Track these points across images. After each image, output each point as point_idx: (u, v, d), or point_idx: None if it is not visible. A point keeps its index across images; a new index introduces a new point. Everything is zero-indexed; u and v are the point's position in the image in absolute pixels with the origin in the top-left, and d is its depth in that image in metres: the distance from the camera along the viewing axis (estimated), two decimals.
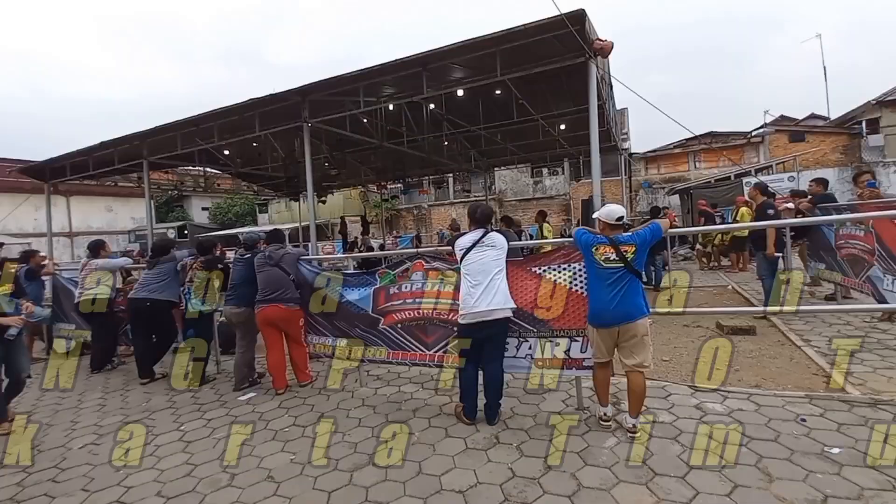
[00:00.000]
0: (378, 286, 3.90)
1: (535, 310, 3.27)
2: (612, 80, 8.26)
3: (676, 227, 9.25)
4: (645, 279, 2.88)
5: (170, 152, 9.79)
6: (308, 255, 4.49)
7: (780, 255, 5.87)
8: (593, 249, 2.90)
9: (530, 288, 3.31)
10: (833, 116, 23.56)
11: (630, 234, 2.88)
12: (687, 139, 23.90)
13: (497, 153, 14.56)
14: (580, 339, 3.16)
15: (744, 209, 9.63)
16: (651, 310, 2.92)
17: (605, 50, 5.31)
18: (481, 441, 2.92)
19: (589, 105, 5.88)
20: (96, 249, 5.34)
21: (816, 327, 4.95)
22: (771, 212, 5.66)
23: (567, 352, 3.20)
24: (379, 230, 23.52)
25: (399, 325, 3.81)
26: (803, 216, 6.12)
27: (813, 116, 26.83)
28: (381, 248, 16.63)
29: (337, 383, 4.25)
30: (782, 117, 25.45)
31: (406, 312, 3.78)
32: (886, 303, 4.56)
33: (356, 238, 17.26)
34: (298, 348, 4.18)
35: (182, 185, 15.08)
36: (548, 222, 9.97)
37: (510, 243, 3.39)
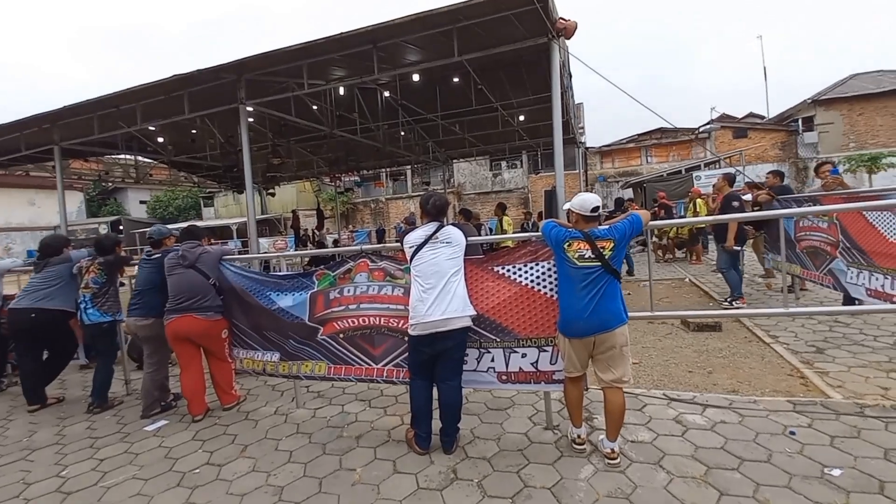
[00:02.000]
0: (316, 290, 3.31)
1: (498, 316, 2.81)
2: (574, 72, 7.96)
3: (660, 218, 9.03)
4: (626, 270, 2.48)
5: (86, 137, 8.61)
6: (232, 253, 3.80)
7: (740, 247, 5.77)
8: (565, 246, 2.47)
9: (492, 291, 2.85)
10: (773, 114, 24.85)
11: (607, 227, 2.47)
12: (639, 134, 24.54)
13: (455, 144, 14.10)
14: (549, 348, 2.73)
15: (699, 201, 9.70)
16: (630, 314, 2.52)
17: (568, 30, 4.92)
18: (436, 478, 2.43)
19: (552, 89, 5.52)
20: None
21: (781, 322, 4.83)
22: (736, 203, 5.54)
23: (535, 364, 2.77)
24: (335, 224, 22.52)
25: (341, 336, 3.25)
26: (761, 208, 6.08)
27: (751, 115, 28.34)
28: (336, 243, 15.78)
29: (269, 404, 3.64)
30: (724, 116, 26.63)
31: (349, 321, 3.23)
32: (849, 294, 4.50)
33: (305, 231, 16.15)
34: (221, 365, 3.52)
35: (108, 176, 13.54)
36: (507, 215, 9.63)
37: (469, 239, 2.92)
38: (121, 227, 27.83)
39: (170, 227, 4.25)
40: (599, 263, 2.38)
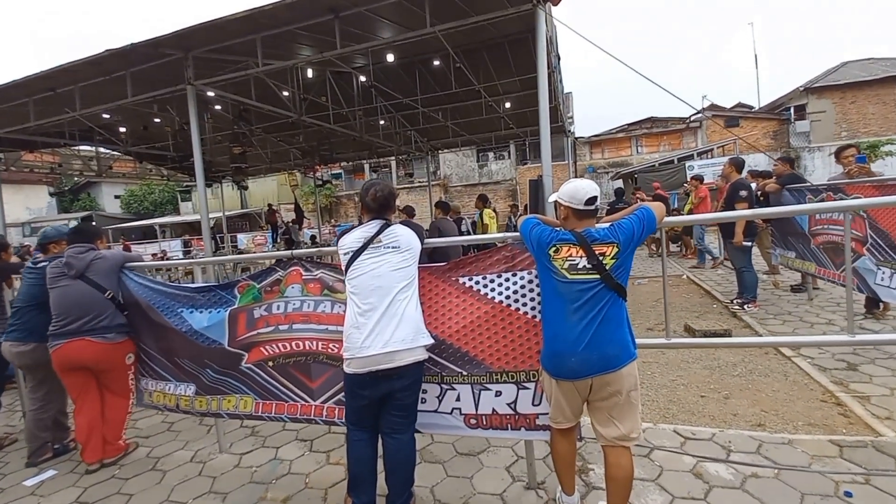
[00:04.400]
0: (236, 307, 2.60)
1: (465, 343, 2.15)
2: (563, 67, 7.27)
3: (676, 213, 8.05)
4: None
5: (23, 125, 7.73)
6: (138, 258, 3.04)
7: (751, 242, 5.18)
8: (551, 251, 1.80)
9: (458, 309, 2.18)
10: (764, 102, 24.46)
11: (608, 227, 1.80)
12: (629, 124, 23.97)
13: (439, 134, 13.34)
14: (531, 385, 2.08)
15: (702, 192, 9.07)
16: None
17: None
18: None
19: (537, 66, 4.83)
20: None
21: (798, 328, 4.25)
22: (744, 193, 4.92)
23: (512, 405, 2.11)
24: (316, 218, 21.65)
25: (270, 364, 2.56)
26: (767, 199, 5.49)
27: (740, 105, 27.95)
28: (313, 240, 14.95)
29: (189, 446, 2.94)
30: (713, 106, 26.19)
31: (279, 345, 2.53)
32: (877, 297, 3.93)
33: (287, 225, 15.15)
34: (115, 403, 2.79)
35: (63, 169, 12.55)
36: (490, 208, 8.93)
37: (428, 241, 2.23)
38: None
39: (143, 222, 3.47)
40: (598, 276, 1.71)
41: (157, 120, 9.69)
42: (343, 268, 2.08)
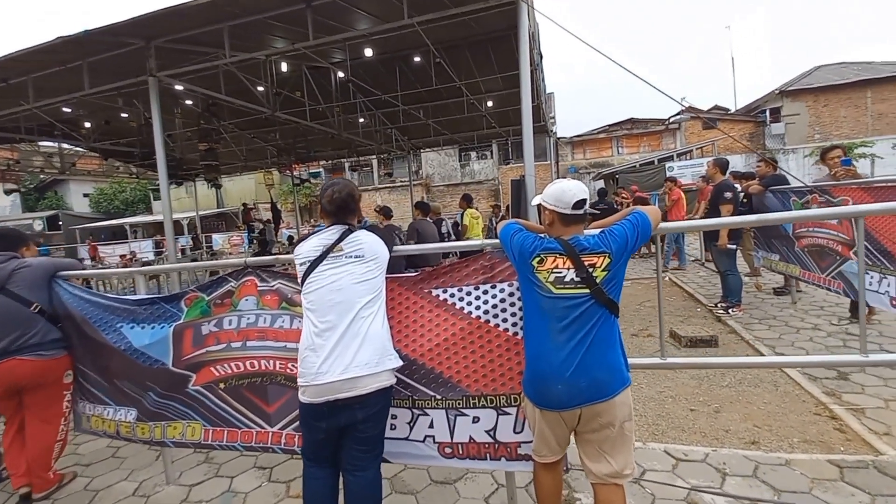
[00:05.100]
0: (182, 322, 2.31)
1: (438, 363, 1.91)
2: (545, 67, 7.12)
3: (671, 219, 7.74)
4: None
5: None
6: (71, 265, 2.69)
7: (735, 245, 5.09)
8: (535, 262, 1.58)
9: (431, 325, 1.94)
10: (740, 105, 24.91)
11: (598, 234, 1.59)
12: (610, 125, 24.12)
13: (420, 132, 13.07)
14: (512, 410, 1.86)
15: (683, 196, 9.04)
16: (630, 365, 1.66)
17: None
18: None
19: (519, 61, 4.64)
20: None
21: (784, 334, 4.15)
22: (729, 194, 4.82)
23: (492, 432, 1.89)
24: (295, 218, 21.11)
25: (221, 386, 2.28)
26: (750, 200, 5.41)
27: (716, 108, 28.46)
28: (290, 241, 14.50)
29: (134, 475, 2.63)
30: (690, 108, 26.58)
31: (232, 365, 2.25)
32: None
33: (265, 223, 14.46)
34: (42, 430, 2.45)
35: (20, 165, 11.85)
36: (474, 208, 8.70)
37: (397, 249, 1.99)
38: (59, 223, 25.49)
39: (113, 222, 3.08)
40: (588, 291, 1.50)
41: (123, 115, 9.19)
42: (299, 280, 1.82)
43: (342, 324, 1.68)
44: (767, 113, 21.14)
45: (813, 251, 4.41)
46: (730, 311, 4.80)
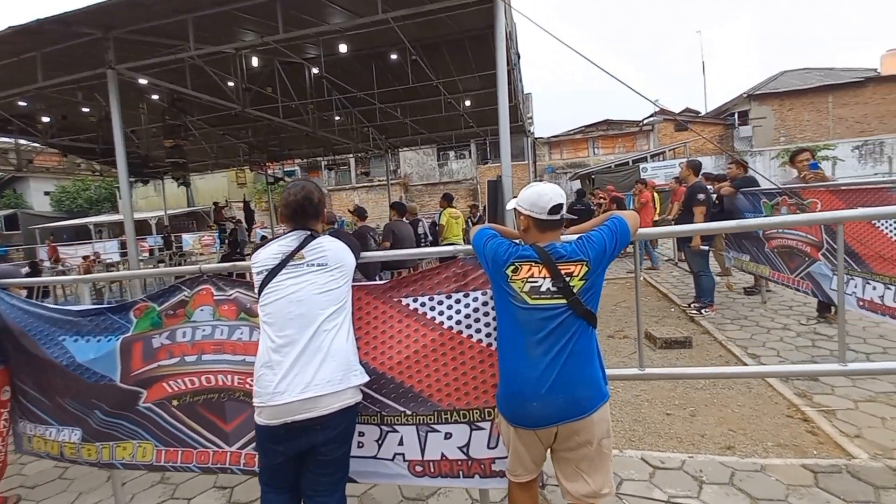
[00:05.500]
0: (130, 335, 2.13)
1: (408, 376, 1.81)
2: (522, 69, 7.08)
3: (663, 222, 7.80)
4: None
5: None
6: (10, 272, 2.45)
7: (708, 246, 5.15)
8: (509, 271, 1.49)
9: (399, 336, 1.83)
10: (710, 108, 25.59)
11: (575, 240, 1.51)
12: (586, 126, 24.43)
13: (398, 131, 12.90)
14: (486, 425, 1.77)
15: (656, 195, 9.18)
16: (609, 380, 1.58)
17: None
18: None
19: (496, 57, 4.57)
20: None
21: (756, 334, 4.21)
22: (702, 196, 4.86)
23: (465, 448, 1.79)
24: (269, 218, 20.58)
25: (175, 403, 2.11)
26: (722, 202, 5.49)
27: (688, 111, 29.20)
28: (264, 240, 14.04)
29: (81, 500, 2.43)
30: (662, 110, 27.21)
31: (186, 380, 2.09)
32: (832, 302, 3.93)
33: (238, 223, 13.74)
34: None
35: None
36: (453, 207, 8.59)
37: (367, 255, 1.87)
38: (18, 223, 24.19)
39: (76, 221, 2.82)
40: (565, 301, 1.42)
41: (84, 109, 8.72)
42: (256, 290, 1.68)
43: (302, 338, 1.55)
44: (736, 116, 21.78)
45: (782, 252, 4.48)
46: (703, 311, 4.85)
